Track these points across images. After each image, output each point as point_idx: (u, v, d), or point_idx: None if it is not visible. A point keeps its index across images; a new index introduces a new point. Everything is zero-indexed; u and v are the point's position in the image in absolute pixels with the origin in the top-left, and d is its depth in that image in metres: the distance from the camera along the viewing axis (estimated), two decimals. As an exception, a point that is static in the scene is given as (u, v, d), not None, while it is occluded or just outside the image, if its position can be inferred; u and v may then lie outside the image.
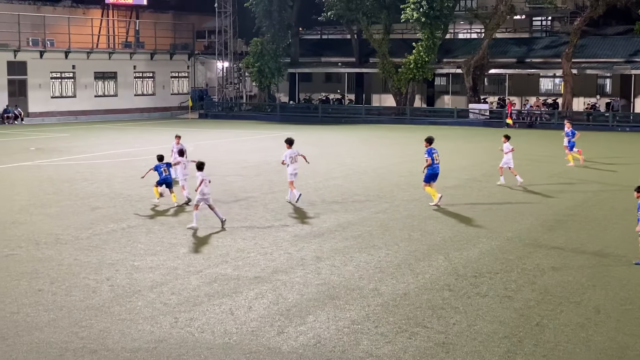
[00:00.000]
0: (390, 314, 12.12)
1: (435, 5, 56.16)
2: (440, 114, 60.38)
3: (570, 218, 20.08)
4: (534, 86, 63.55)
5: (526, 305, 12.54)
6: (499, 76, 62.62)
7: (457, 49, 64.17)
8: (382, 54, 60.05)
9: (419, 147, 38.52)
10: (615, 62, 57.87)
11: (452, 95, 63.63)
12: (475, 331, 11.34)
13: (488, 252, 16.26)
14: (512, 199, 23.00)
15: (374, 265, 15.06)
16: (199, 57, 69.69)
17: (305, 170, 29.04)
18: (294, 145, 22.85)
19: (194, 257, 15.72)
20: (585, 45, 59.70)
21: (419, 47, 57.90)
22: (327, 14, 60.55)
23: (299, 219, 19.66)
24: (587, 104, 59.66)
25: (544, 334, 11.26)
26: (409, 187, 25.29)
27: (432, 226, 18.89)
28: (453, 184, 25.87)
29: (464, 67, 58.52)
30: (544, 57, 60.46)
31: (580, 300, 12.86)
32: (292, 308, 12.38)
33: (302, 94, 68.86)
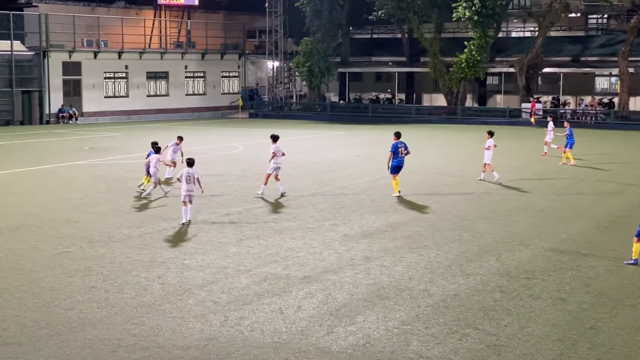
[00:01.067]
0: (441, 315, 12.01)
1: (488, 4, 55.63)
2: (492, 113, 59.78)
3: (626, 220, 19.70)
4: (589, 85, 62.57)
5: (580, 308, 12.33)
6: (553, 75, 61.79)
7: (510, 47, 63.50)
8: (433, 53, 59.68)
9: (470, 147, 38.26)
10: (672, 61, 56.70)
11: (505, 94, 62.98)
12: (528, 333, 11.17)
13: (541, 253, 16.03)
14: (565, 201, 22.66)
15: (424, 266, 14.95)
16: (249, 57, 70.03)
17: (355, 170, 29.00)
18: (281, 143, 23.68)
19: (243, 256, 15.77)
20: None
21: (471, 46, 57.40)
22: (378, 13, 60.35)
23: (348, 219, 19.61)
24: (643, 103, 58.56)
25: (598, 337, 11.05)
26: (459, 187, 25.07)
27: (483, 227, 18.69)
28: (505, 184, 25.57)
29: (516, 66, 57.88)
30: (599, 56, 59.50)
31: (636, 303, 12.61)
32: (341, 308, 12.33)
33: (352, 94, 68.78)
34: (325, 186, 25.07)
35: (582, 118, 55.91)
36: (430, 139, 43.16)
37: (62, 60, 55.26)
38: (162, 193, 22.94)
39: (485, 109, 61.92)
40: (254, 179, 26.59)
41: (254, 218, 19.69)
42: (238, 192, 23.71)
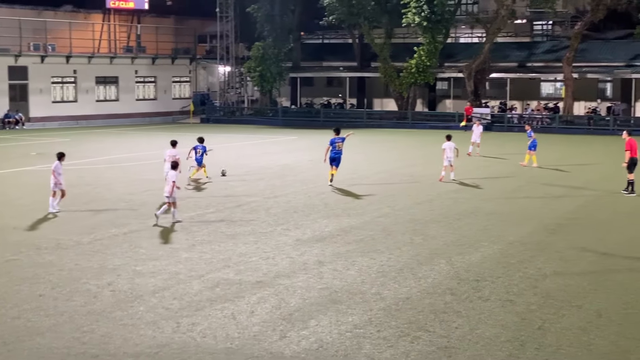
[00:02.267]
0: (393, 318, 12.12)
1: (437, 10, 56.18)
2: (441, 118, 60.34)
3: (572, 221, 20.08)
4: (535, 90, 63.53)
5: (528, 309, 12.54)
6: (500, 80, 62.59)
7: (459, 53, 64.21)
8: (383, 58, 60.08)
9: (421, 151, 38.62)
10: (615, 66, 57.90)
11: (454, 99, 63.64)
12: (478, 335, 11.33)
13: (490, 256, 16.26)
14: (514, 204, 23.00)
15: (376, 270, 15.06)
16: (200, 62, 69.74)
17: (308, 175, 29.08)
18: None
19: (195, 261, 15.72)
20: (586, 50, 59.70)
21: (421, 51, 57.92)
22: (329, 18, 60.59)
23: (301, 224, 19.65)
24: (588, 108, 59.65)
25: (545, 337, 11.25)
26: (411, 191, 25.28)
27: (435, 230, 18.89)
28: (454, 188, 25.87)
29: (465, 71, 58.53)
30: (545, 61, 60.48)
31: (582, 304, 12.86)
32: (294, 312, 12.37)
33: (303, 99, 68.88)
34: (277, 191, 25.10)
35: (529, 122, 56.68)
36: (382, 143, 43.42)
37: (7, 65, 54.45)
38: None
39: (435, 114, 62.46)
40: (207, 184, 26.53)
41: (206, 223, 19.63)
42: (190, 198, 23.62)
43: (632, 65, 57.61)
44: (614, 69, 57.57)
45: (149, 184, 26.06)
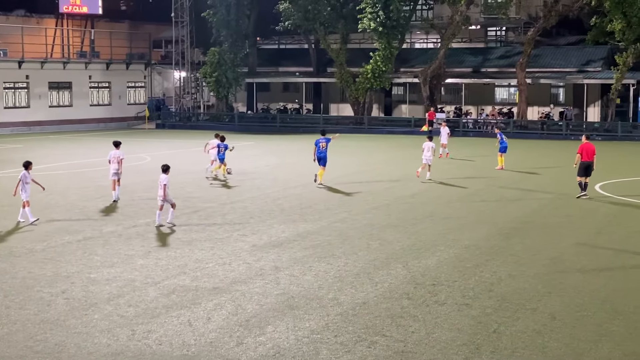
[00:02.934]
0: (350, 323, 12.13)
1: (392, 15, 56.52)
2: (397, 123, 60.67)
3: (527, 225, 20.30)
4: (489, 95, 64.20)
5: (484, 313, 12.64)
6: (455, 85, 63.13)
7: (414, 58, 64.64)
8: (339, 63, 60.25)
9: (378, 156, 38.76)
10: (568, 72, 58.75)
11: (410, 104, 64.02)
12: (434, 339, 11.40)
13: (446, 260, 16.36)
14: (470, 207, 23.19)
15: (333, 275, 15.07)
16: (155, 67, 69.26)
17: (264, 180, 29.03)
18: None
19: (151, 268, 15.60)
20: (539, 55, 60.53)
21: (376, 56, 58.20)
22: (285, 23, 60.63)
23: (257, 229, 19.60)
24: (541, 113, 60.42)
25: (501, 340, 11.35)
26: (367, 195, 25.36)
27: (391, 235, 18.96)
28: (411, 192, 26.02)
29: (420, 77, 58.92)
30: (499, 67, 61.15)
31: (536, 307, 13.00)
32: (251, 319, 12.33)
33: (260, 104, 68.78)
34: (234, 196, 25.01)
35: (484, 127, 57.27)
36: (339, 148, 43.42)
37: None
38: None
39: (391, 119, 62.80)
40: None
41: (161, 229, 19.49)
42: (145, 204, 23.43)
43: (583, 71, 58.51)
44: (566, 75, 58.39)
45: (103, 190, 25.80)
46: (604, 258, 16.60)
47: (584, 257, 16.61)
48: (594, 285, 14.31)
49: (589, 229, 19.90)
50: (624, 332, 11.70)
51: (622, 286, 14.29)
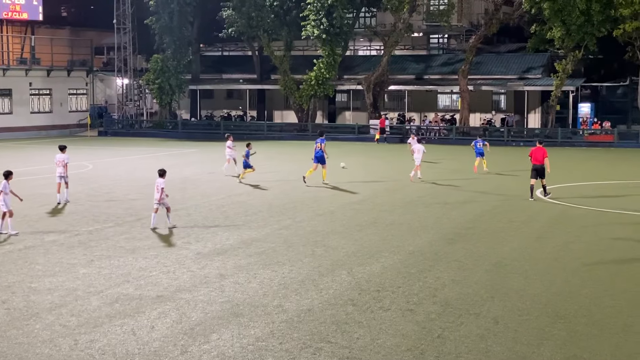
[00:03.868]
0: (295, 330, 12.13)
1: (335, 23, 56.76)
2: (341, 129, 60.93)
3: (470, 231, 20.53)
4: (432, 102, 64.82)
5: (428, 318, 12.75)
6: (398, 92, 63.62)
7: (358, 65, 65.00)
8: (283, 70, 60.30)
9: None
10: (509, 79, 59.66)
11: (353, 111, 64.34)
12: (379, 345, 11.45)
13: (391, 266, 16.46)
14: (414, 213, 23.36)
15: (278, 282, 15.06)
16: (97, 74, 68.48)
17: (208, 187, 28.89)
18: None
19: (94, 277, 15.40)
20: (481, 63, 61.36)
21: (320, 63, 58.38)
22: (228, 30, 60.48)
23: (202, 237, 19.49)
24: (483, 119, 61.22)
25: (445, 345, 11.45)
26: (312, 202, 25.40)
27: (336, 241, 19.01)
28: (355, 199, 26.13)
29: (364, 84, 59.24)
30: (441, 74, 61.81)
31: (479, 311, 13.15)
32: (195, 327, 12.25)
33: (203, 111, 68.47)
34: (177, 204, 24.81)
35: (427, 134, 57.80)
36: (283, 155, 43.50)
37: None
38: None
39: (335, 126, 63.02)
40: (105, 197, 26.04)
41: (104, 238, 19.27)
42: (88, 212, 23.14)
43: (524, 78, 59.47)
44: (507, 82, 59.27)
45: (44, 198, 25.42)
46: (546, 263, 16.87)
47: (526, 262, 16.86)
48: (536, 290, 14.52)
49: (530, 234, 20.21)
50: (565, 336, 11.90)
51: (563, 290, 14.54)
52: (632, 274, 15.88)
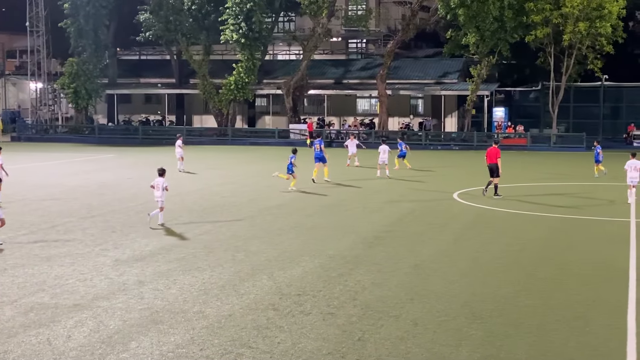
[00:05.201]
0: (215, 336, 12.04)
1: (254, 27, 56.70)
2: (261, 134, 60.88)
3: (389, 234, 20.71)
4: (351, 106, 65.32)
5: (348, 321, 12.80)
6: (318, 97, 63.91)
7: (277, 70, 65.06)
8: (202, 75, 59.94)
9: (241, 168, 38.69)
10: (426, 83, 60.55)
11: (273, 115, 64.37)
12: (300, 349, 11.45)
13: (311, 270, 16.49)
14: (334, 217, 23.46)
15: (198, 288, 14.92)
16: (9, 78, 66.95)
17: (127, 193, 28.46)
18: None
19: (7, 286, 14.99)
20: (399, 67, 62.11)
21: (239, 68, 58.24)
22: (146, 34, 59.81)
23: (120, 243, 19.19)
24: (401, 123, 61.97)
25: (365, 348, 11.52)
26: (232, 207, 25.27)
27: (256, 246, 18.95)
28: (276, 204, 26.10)
29: (283, 88, 59.32)
30: (360, 78, 62.35)
31: (399, 314, 13.27)
32: (113, 335, 12.04)
33: (121, 116, 67.56)
34: (94, 210, 24.39)
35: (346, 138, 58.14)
36: (202, 160, 43.17)
37: None
38: None
39: (255, 130, 62.96)
40: (19, 204, 25.39)
41: (18, 246, 18.78)
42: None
43: (441, 83, 60.44)
44: (424, 86, 60.14)
45: None
46: (464, 264, 17.13)
47: (445, 264, 17.10)
48: (454, 291, 14.74)
49: (449, 236, 20.51)
50: (482, 336, 12.11)
51: (480, 291, 14.78)
52: (547, 274, 16.26)
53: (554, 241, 19.94)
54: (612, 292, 14.70)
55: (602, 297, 14.37)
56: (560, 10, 53.01)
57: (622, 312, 13.28)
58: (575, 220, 23.28)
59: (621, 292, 14.64)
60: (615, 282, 15.42)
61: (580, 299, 14.20)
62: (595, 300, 14.17)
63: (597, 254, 18.19)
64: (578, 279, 15.86)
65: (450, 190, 29.45)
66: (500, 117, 60.46)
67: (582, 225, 22.57)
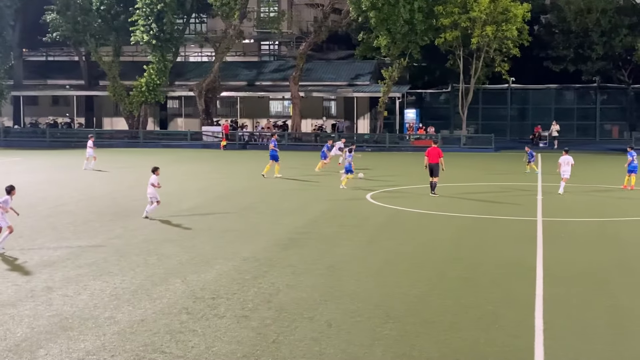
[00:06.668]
0: (127, 341, 11.84)
1: (166, 28, 56.14)
2: (174, 136, 60.29)
3: (303, 236, 20.75)
4: (264, 108, 65.28)
5: (263, 324, 12.76)
6: (230, 99, 63.66)
7: (189, 72, 64.55)
8: (112, 76, 59.03)
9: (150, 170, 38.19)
10: (339, 86, 60.97)
11: (185, 118, 63.86)
12: (214, 353, 11.36)
13: (225, 273, 16.38)
14: (248, 220, 23.38)
15: (109, 293, 14.65)
16: None
17: (34, 198, 27.77)
18: None
19: None
20: (311, 69, 62.37)
21: (150, 69, 57.56)
22: (53, 35, 58.54)
23: (27, 249, 18.69)
24: (314, 125, 62.22)
25: (280, 350, 11.50)
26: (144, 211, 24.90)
27: (169, 250, 18.73)
28: (188, 206, 25.86)
29: (196, 90, 58.89)
30: (273, 81, 62.37)
31: (313, 315, 13.29)
32: (21, 343, 11.72)
33: (27, 118, 65.92)
34: (0, 216, 23.67)
35: (259, 140, 58.10)
36: (112, 163, 42.46)
37: None
38: None
39: (167, 133, 62.32)
40: None
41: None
42: None
43: (353, 85, 60.93)
44: (337, 88, 60.54)
45: None
46: (377, 265, 17.28)
47: (358, 265, 17.21)
48: (368, 292, 14.85)
49: (362, 238, 20.65)
50: (396, 335, 12.23)
51: (393, 291, 14.93)
52: (458, 273, 16.55)
53: (465, 241, 20.31)
54: (521, 289, 15.05)
55: (512, 294, 14.70)
56: (468, 14, 54.10)
57: (531, 309, 13.61)
58: (485, 220, 23.77)
59: (529, 289, 15.01)
60: (524, 280, 15.79)
61: (491, 297, 14.49)
62: (504, 298, 14.49)
63: (506, 253, 18.60)
64: (488, 277, 16.19)
65: (363, 191, 29.70)
66: (411, 119, 61.32)
67: (492, 224, 23.05)
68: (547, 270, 16.52)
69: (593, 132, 66.56)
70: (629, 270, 16.82)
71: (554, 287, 15.10)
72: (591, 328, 12.62)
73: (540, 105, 67.36)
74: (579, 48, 63.00)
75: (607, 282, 15.74)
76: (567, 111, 67.32)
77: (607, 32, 61.54)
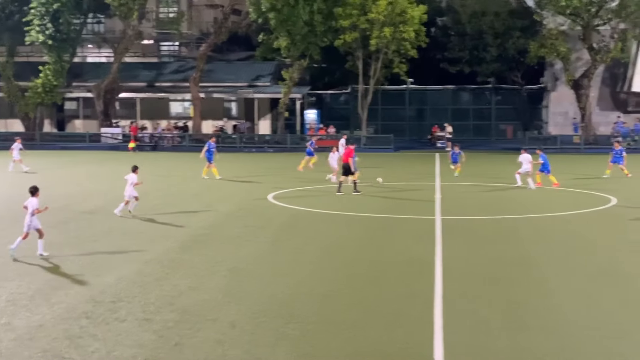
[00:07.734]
0: (25, 348, 11.57)
1: (62, 28, 54.96)
2: (72, 138, 59.09)
3: (206, 237, 20.65)
4: (164, 109, 64.59)
5: (165, 327, 12.66)
6: (130, 100, 62.73)
7: (87, 72, 63.34)
8: (6, 77, 57.46)
9: (52, 173, 37.33)
10: (239, 87, 60.87)
11: (84, 119, 62.67)
12: (115, 357, 11.22)
13: (126, 275, 16.16)
14: (153, 221, 23.11)
15: (5, 299, 14.28)
16: None
17: None
18: None
19: None
20: (212, 70, 62.05)
21: (47, 70, 56.27)
22: (-58, 34, 56.56)
23: None
24: (215, 126, 61.91)
25: (182, 353, 11.44)
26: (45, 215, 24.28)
27: (69, 253, 18.33)
28: (89, 209, 25.40)
29: (94, 91, 57.87)
30: (173, 82, 61.80)
31: (217, 317, 13.26)
32: None
33: None
34: None
35: (160, 141, 57.46)
36: (7, 166, 41.24)
37: None
38: None
39: (65, 134, 61.05)
40: None
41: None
42: None
43: (254, 86, 60.94)
44: (237, 89, 60.43)
45: None
46: (281, 265, 17.33)
47: (262, 266, 17.24)
48: (272, 292, 14.88)
49: (266, 238, 20.68)
50: (299, 335, 12.32)
51: (297, 291, 15.01)
52: (362, 272, 16.76)
53: (369, 240, 20.56)
54: (422, 286, 15.35)
55: (414, 291, 14.99)
56: (367, 16, 54.76)
57: (430, 305, 13.91)
58: (387, 220, 24.13)
59: (430, 286, 15.32)
60: (425, 277, 16.11)
61: (394, 295, 14.74)
62: (407, 295, 14.76)
63: (408, 251, 18.93)
64: (391, 275, 16.45)
65: (265, 192, 29.73)
66: (312, 120, 61.67)
67: (394, 224, 23.41)
68: (446, 267, 16.90)
69: (488, 132, 68.31)
70: (526, 266, 17.36)
71: (453, 283, 15.47)
72: (489, 323, 12.99)
73: (437, 105, 68.75)
74: (474, 50, 64.60)
75: (504, 277, 16.20)
76: (464, 111, 68.95)
77: (501, 35, 63.26)
